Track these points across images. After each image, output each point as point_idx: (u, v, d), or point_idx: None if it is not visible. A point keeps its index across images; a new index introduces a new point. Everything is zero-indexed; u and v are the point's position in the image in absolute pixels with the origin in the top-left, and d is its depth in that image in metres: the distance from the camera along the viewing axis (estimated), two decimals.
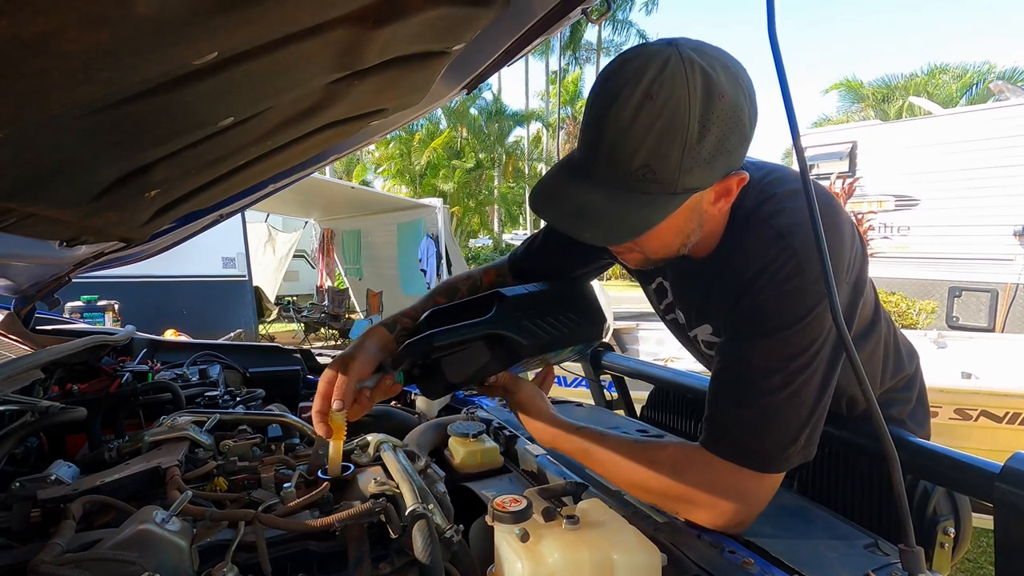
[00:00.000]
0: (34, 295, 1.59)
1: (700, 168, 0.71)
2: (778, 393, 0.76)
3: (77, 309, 5.04)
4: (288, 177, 1.30)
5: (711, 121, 0.69)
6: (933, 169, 7.11)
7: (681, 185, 0.72)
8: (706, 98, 0.68)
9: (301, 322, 10.89)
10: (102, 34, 0.34)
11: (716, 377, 0.83)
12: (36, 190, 0.65)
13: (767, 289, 0.77)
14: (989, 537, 2.91)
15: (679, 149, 0.69)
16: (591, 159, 0.74)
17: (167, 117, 0.57)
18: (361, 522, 0.71)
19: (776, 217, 0.81)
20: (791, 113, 0.64)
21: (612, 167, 0.73)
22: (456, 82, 0.97)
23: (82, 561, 0.59)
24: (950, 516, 0.94)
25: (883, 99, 19.67)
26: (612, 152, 0.72)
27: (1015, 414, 3.28)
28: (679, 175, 0.71)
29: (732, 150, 0.72)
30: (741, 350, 0.80)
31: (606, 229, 0.75)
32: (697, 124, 0.68)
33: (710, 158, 0.71)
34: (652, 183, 0.72)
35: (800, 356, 0.76)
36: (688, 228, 0.82)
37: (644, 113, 0.68)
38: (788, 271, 0.76)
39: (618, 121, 0.70)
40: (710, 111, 0.68)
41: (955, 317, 6.55)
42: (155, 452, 0.92)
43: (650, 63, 0.69)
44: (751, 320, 0.79)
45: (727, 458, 0.78)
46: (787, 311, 0.76)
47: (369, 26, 0.54)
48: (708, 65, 0.68)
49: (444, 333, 0.87)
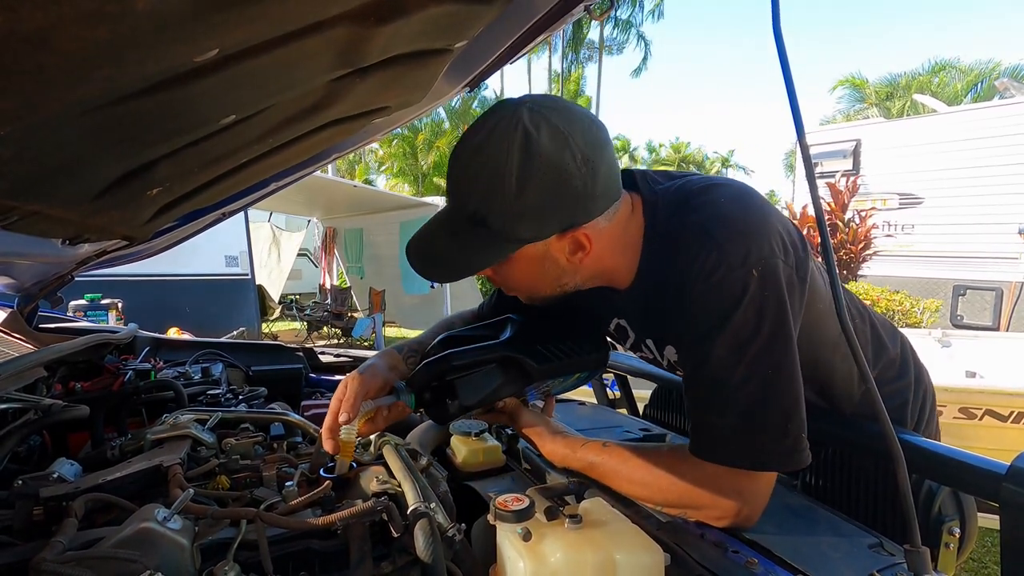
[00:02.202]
0: (37, 293, 1.59)
1: (528, 220, 0.75)
2: (746, 386, 0.75)
3: (81, 307, 5.05)
4: (290, 175, 1.30)
5: (528, 177, 0.72)
6: (937, 167, 7.09)
7: (512, 234, 0.77)
8: (523, 156, 0.72)
9: (304, 321, 10.92)
10: (101, 30, 0.34)
11: (686, 387, 0.83)
12: (38, 188, 0.65)
13: (697, 285, 0.77)
14: (993, 537, 2.90)
15: (501, 201, 0.74)
16: (448, 200, 0.83)
17: (168, 115, 0.57)
18: (363, 521, 0.71)
19: (689, 215, 0.82)
20: (795, 108, 0.63)
21: (456, 210, 0.80)
22: (458, 80, 0.96)
23: (84, 559, 0.58)
24: (955, 516, 0.93)
25: (887, 97, 19.60)
26: (456, 193, 0.80)
27: (1020, 413, 3.26)
28: (506, 224, 0.76)
29: (563, 207, 0.76)
30: (696, 354, 0.80)
31: (446, 268, 0.82)
32: (515, 180, 0.72)
33: (536, 211, 0.75)
34: (484, 228, 0.77)
35: (753, 342, 0.75)
36: (549, 274, 0.85)
37: (474, 164, 0.75)
38: (712, 262, 0.76)
39: (459, 165, 0.78)
40: (527, 168, 0.72)
41: (959, 316, 6.52)
42: (157, 450, 0.92)
43: (493, 116, 0.75)
44: (694, 321, 0.79)
45: (718, 462, 0.78)
46: (720, 300, 0.76)
47: (371, 23, 0.54)
48: (534, 126, 0.72)
49: (461, 353, 0.90)
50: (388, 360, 1.00)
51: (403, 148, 22.40)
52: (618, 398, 1.73)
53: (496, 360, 0.91)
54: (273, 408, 1.28)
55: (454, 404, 0.91)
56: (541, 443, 0.96)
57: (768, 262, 0.76)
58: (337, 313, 10.43)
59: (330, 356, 1.98)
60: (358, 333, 9.75)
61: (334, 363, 1.94)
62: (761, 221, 0.79)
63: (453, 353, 0.89)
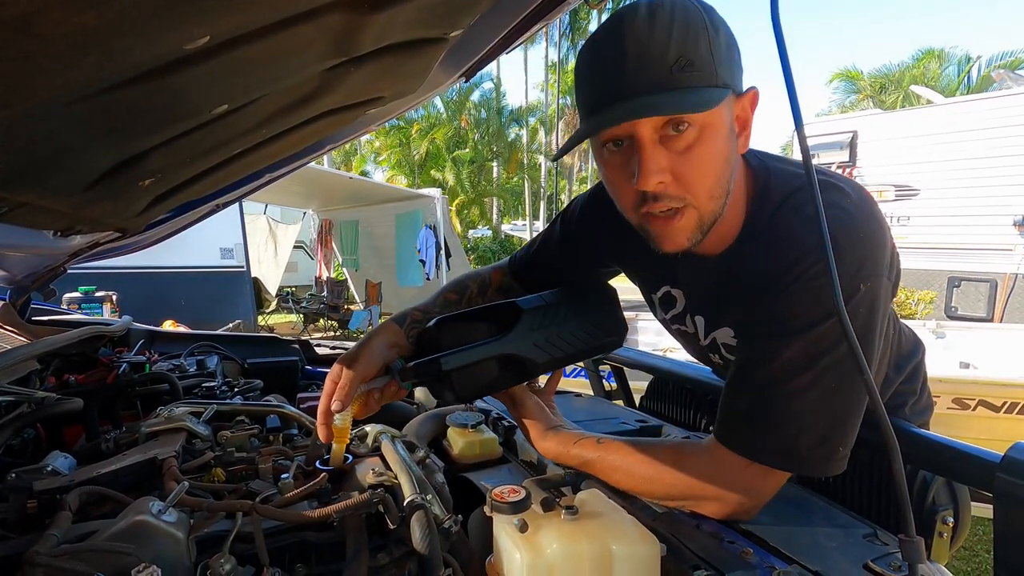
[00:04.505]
0: (29, 285, 1.58)
1: (726, 64, 0.72)
2: (807, 393, 0.72)
3: (75, 300, 5.03)
4: (285, 167, 1.29)
5: (717, 21, 0.72)
6: (933, 159, 7.08)
7: (719, 77, 0.71)
8: (703, 5, 0.72)
9: (300, 313, 10.90)
10: (87, 16, 0.33)
11: (737, 372, 0.80)
12: (28, 179, 0.64)
13: (795, 284, 0.74)
14: (984, 525, 2.93)
15: (704, 38, 0.70)
16: (619, 85, 0.71)
17: (159, 104, 0.56)
18: (359, 513, 0.71)
19: (809, 207, 0.76)
20: (794, 101, 0.63)
21: (649, 72, 0.70)
22: (454, 70, 0.95)
23: (78, 552, 0.58)
24: (949, 506, 0.94)
25: (880, 89, 19.61)
26: (642, 61, 0.70)
27: (1013, 403, 3.29)
28: (714, 65, 0.70)
29: (738, 61, 0.74)
30: (766, 349, 0.76)
31: (673, 106, 0.70)
32: (708, 20, 0.71)
33: (728, 57, 0.72)
34: (694, 73, 0.70)
35: (830, 353, 0.72)
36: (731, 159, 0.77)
37: (659, 17, 0.70)
38: (822, 265, 0.71)
39: (636, 35, 0.70)
40: (712, 14, 0.71)
41: (954, 307, 6.55)
42: (152, 443, 0.92)
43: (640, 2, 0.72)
44: (777, 316, 0.76)
45: (745, 455, 0.76)
46: (816, 307, 0.72)
47: (365, 11, 0.53)
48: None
49: (453, 356, 0.84)
50: (387, 338, 0.93)
51: (399, 139, 22.30)
52: (614, 390, 1.73)
53: (495, 358, 0.87)
54: (269, 400, 1.27)
55: (449, 396, 0.89)
56: (535, 440, 0.95)
57: (879, 280, 0.74)
58: (333, 305, 10.41)
59: (326, 348, 1.98)
60: (355, 325, 9.74)
61: (330, 355, 1.93)
62: (880, 233, 0.76)
63: (444, 357, 0.84)
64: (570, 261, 1.09)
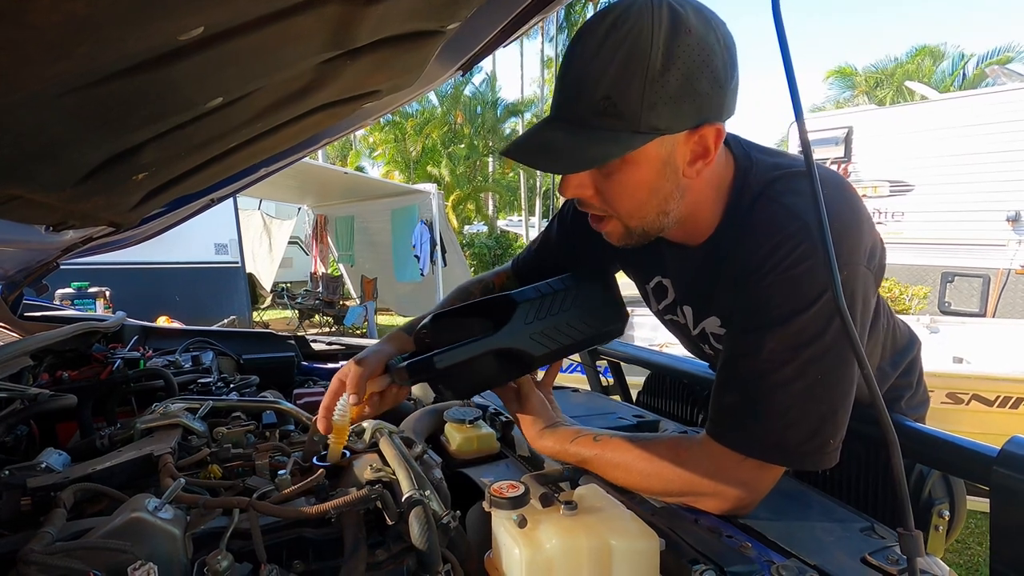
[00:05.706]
0: (21, 281, 1.57)
1: (665, 106, 0.69)
2: (791, 385, 0.72)
3: (68, 296, 5.00)
4: (280, 161, 1.28)
5: (675, 54, 0.67)
6: (928, 154, 7.10)
7: (645, 123, 0.69)
8: (671, 30, 0.67)
9: (295, 309, 10.87)
10: (79, 4, 0.32)
11: (724, 367, 0.80)
12: (18, 172, 0.63)
13: (773, 273, 0.74)
14: (977, 518, 2.95)
15: (641, 80, 0.67)
16: (559, 100, 0.75)
17: (153, 97, 0.55)
18: (357, 509, 0.71)
19: (787, 196, 0.77)
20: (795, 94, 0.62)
21: (576, 103, 0.72)
22: (451, 63, 0.95)
23: (73, 550, 0.58)
24: (945, 499, 0.94)
25: (875, 85, 19.68)
26: (576, 85, 0.71)
27: (1006, 398, 3.31)
28: (642, 110, 0.69)
29: (703, 94, 0.70)
30: (748, 341, 0.76)
31: (565, 160, 0.73)
32: (660, 55, 0.67)
33: (676, 96, 0.69)
34: (614, 118, 0.70)
35: (812, 344, 0.72)
36: (663, 188, 0.77)
37: (608, 43, 0.68)
38: (799, 253, 0.72)
39: (583, 53, 0.71)
40: (675, 43, 0.67)
41: (947, 302, 6.58)
42: (147, 440, 0.91)
43: (621, 2, 0.70)
44: (756, 308, 0.76)
45: (738, 450, 0.76)
46: (795, 296, 0.72)
47: (361, 3, 0.52)
48: (678, 3, 0.68)
49: (447, 353, 0.84)
50: (396, 343, 0.95)
51: (395, 134, 22.20)
52: (611, 385, 1.74)
53: (490, 352, 0.87)
54: (265, 396, 1.27)
55: (447, 393, 0.89)
56: (532, 439, 0.94)
57: (855, 268, 0.74)
58: (329, 301, 10.38)
59: (322, 344, 1.97)
60: (350, 321, 9.72)
61: (326, 351, 1.93)
62: (858, 221, 0.76)
63: (437, 355, 0.83)
64: (571, 258, 1.09)
